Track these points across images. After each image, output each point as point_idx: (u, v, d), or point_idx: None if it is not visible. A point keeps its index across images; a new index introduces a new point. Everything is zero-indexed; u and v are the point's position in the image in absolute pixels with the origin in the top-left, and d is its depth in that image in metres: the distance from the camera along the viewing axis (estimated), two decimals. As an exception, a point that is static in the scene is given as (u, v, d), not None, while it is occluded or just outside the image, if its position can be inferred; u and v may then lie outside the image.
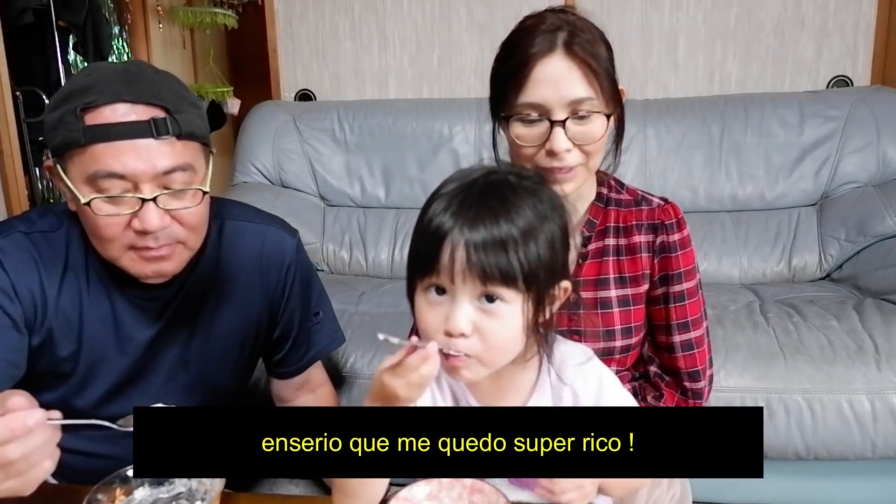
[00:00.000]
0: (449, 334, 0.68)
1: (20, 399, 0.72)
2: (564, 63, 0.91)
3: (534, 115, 0.93)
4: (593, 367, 0.80)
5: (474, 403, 0.81)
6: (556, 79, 0.91)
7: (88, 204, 0.85)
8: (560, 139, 0.92)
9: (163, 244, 0.90)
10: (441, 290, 0.69)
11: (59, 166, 0.88)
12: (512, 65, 0.94)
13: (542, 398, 0.79)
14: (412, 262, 0.71)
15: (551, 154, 0.93)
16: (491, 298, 0.68)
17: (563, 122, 0.92)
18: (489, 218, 0.66)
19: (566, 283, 0.73)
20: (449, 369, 0.71)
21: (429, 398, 0.81)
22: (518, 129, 0.95)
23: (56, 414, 0.74)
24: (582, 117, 0.92)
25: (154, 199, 0.86)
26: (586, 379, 0.78)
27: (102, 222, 0.87)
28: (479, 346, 0.69)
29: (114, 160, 0.84)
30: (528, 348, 0.75)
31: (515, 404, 0.79)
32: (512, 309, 0.68)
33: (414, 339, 0.68)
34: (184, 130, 0.88)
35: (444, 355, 0.68)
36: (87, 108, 0.85)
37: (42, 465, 0.72)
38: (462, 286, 0.67)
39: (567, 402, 0.78)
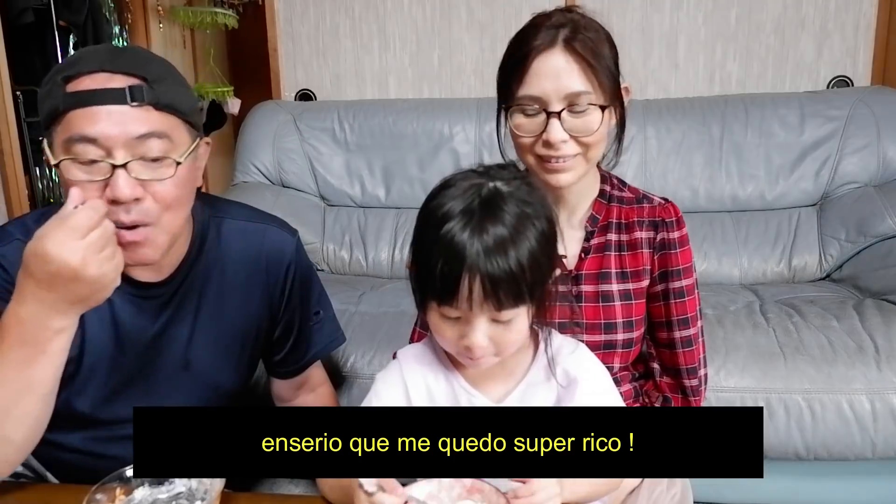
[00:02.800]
0: (468, 348, 0.77)
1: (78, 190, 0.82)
2: (563, 57, 0.95)
3: (533, 106, 0.97)
4: (581, 353, 0.88)
5: (470, 388, 0.85)
6: (555, 72, 0.95)
7: (58, 166, 0.85)
8: (556, 130, 0.96)
9: (135, 220, 0.87)
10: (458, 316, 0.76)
11: (46, 144, 0.88)
12: (515, 58, 0.99)
13: (538, 376, 0.85)
14: (427, 289, 0.77)
15: (548, 145, 0.97)
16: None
17: (559, 113, 0.95)
18: (501, 275, 0.73)
19: (557, 271, 0.82)
20: (470, 363, 0.81)
21: (424, 393, 0.85)
22: (518, 119, 0.99)
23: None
24: (578, 110, 0.96)
25: (125, 166, 0.85)
26: (578, 362, 0.86)
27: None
28: (494, 348, 0.78)
29: (88, 125, 0.84)
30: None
31: (512, 382, 0.85)
32: (520, 318, 0.77)
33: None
34: (161, 101, 0.87)
35: (467, 357, 0.79)
36: (70, 77, 0.85)
37: (116, 259, 0.82)
38: (479, 313, 0.75)
39: (560, 380, 0.84)
